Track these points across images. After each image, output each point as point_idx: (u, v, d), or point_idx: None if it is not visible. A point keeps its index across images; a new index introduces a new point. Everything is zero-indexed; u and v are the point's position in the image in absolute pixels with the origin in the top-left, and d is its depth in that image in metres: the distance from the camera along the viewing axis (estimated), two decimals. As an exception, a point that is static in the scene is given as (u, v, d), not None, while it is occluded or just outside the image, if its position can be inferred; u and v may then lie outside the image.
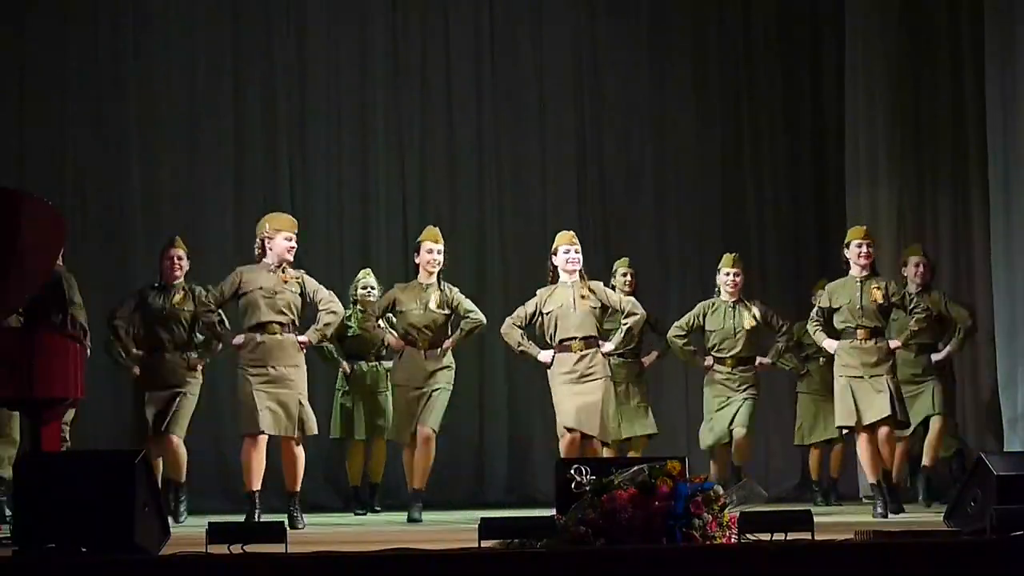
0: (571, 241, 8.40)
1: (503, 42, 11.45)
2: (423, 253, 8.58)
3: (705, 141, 11.52)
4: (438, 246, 8.57)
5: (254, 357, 7.83)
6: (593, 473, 5.32)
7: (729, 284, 9.16)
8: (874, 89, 10.86)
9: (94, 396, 8.54)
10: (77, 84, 10.79)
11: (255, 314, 7.87)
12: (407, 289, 8.63)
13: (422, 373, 8.50)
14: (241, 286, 7.95)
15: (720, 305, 9.18)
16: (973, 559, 4.92)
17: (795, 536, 5.10)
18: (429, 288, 8.55)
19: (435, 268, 8.56)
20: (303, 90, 11.18)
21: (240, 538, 5.00)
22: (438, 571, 4.83)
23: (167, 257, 8.54)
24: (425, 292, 8.54)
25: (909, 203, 10.83)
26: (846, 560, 4.94)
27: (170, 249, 8.59)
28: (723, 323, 9.13)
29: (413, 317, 8.52)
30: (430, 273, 8.57)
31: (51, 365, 6.15)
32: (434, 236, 8.61)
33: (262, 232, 8.05)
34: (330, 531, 7.85)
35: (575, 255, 8.35)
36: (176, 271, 8.53)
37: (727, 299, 9.18)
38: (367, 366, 9.50)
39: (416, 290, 8.58)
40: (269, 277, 7.92)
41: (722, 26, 11.66)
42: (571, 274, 8.34)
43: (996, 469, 5.55)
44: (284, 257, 7.98)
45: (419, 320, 8.52)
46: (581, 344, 8.24)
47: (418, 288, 8.57)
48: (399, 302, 8.59)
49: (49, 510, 5.05)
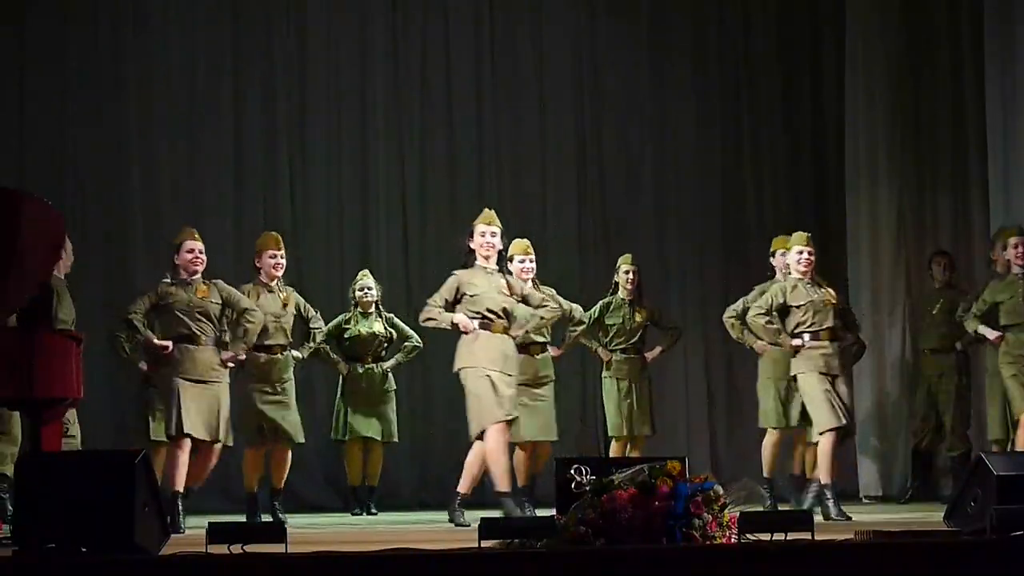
0: (526, 251, 8.57)
1: (503, 42, 11.45)
2: (476, 237, 8.04)
3: (705, 141, 11.52)
4: (491, 228, 8.04)
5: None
6: (593, 473, 5.32)
7: (803, 263, 8.45)
8: (874, 89, 10.86)
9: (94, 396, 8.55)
10: (77, 84, 10.79)
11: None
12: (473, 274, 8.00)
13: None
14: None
15: (797, 283, 8.46)
16: (973, 559, 4.92)
17: (795, 536, 5.10)
18: (495, 273, 8.01)
19: (490, 252, 8.00)
20: (303, 90, 11.19)
21: (240, 538, 5.00)
22: (438, 571, 4.83)
23: (187, 250, 8.13)
24: (491, 276, 7.97)
25: (909, 203, 10.83)
26: (846, 560, 4.94)
27: (189, 242, 8.18)
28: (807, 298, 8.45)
29: (488, 300, 7.90)
30: (486, 258, 8.00)
31: (51, 365, 6.14)
32: (487, 218, 8.10)
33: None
34: (330, 531, 7.85)
35: (530, 264, 8.59)
36: (198, 265, 8.14)
37: (801, 277, 8.45)
38: (363, 368, 9.50)
39: (482, 274, 7.97)
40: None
41: (722, 26, 11.66)
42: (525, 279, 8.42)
43: (996, 469, 5.54)
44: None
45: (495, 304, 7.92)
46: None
47: (482, 272, 7.97)
48: (468, 286, 7.94)
49: (49, 510, 5.04)
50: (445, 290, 7.92)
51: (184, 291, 8.02)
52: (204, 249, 8.14)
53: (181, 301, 7.98)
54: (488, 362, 7.75)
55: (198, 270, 8.09)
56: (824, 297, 8.35)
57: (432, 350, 9.89)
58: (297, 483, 10.34)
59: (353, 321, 9.50)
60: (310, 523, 8.32)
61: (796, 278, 8.42)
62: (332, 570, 4.85)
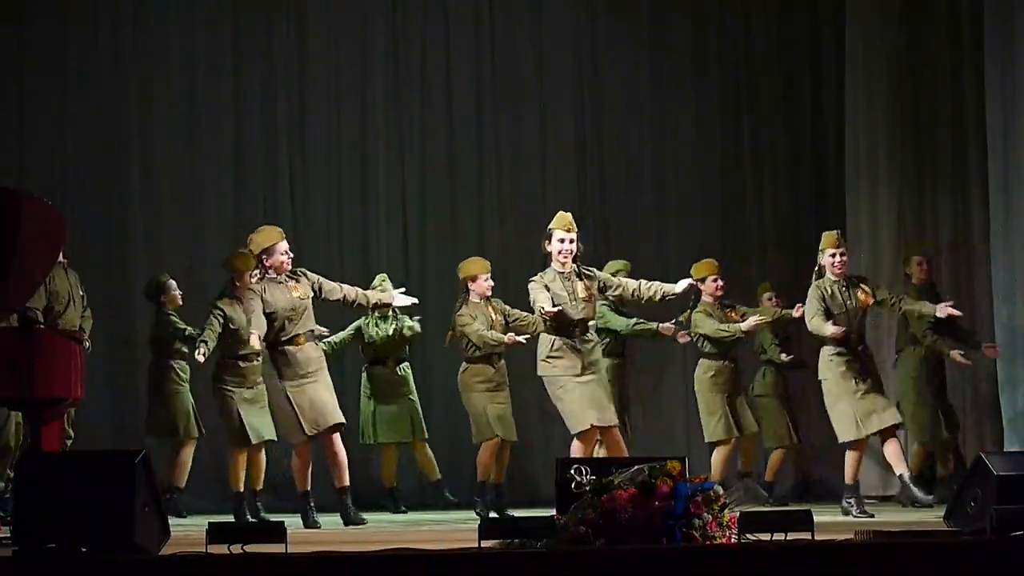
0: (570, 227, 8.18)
1: (503, 42, 11.44)
2: (554, 243, 8.02)
3: (705, 141, 11.51)
4: (570, 235, 8.00)
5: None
6: (593, 473, 5.32)
7: (837, 264, 8.45)
8: (874, 89, 10.86)
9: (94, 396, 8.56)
10: (77, 84, 10.79)
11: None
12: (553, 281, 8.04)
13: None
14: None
15: (833, 288, 8.43)
16: (973, 559, 4.92)
17: (795, 536, 5.10)
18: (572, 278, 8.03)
19: (567, 259, 7.98)
20: (303, 90, 11.18)
21: (240, 538, 5.00)
22: (438, 571, 4.83)
23: (280, 252, 8.06)
24: (569, 282, 8.02)
25: (909, 203, 10.82)
26: (846, 560, 4.94)
27: (280, 243, 8.10)
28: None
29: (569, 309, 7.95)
30: (563, 264, 8.02)
31: (51, 365, 6.15)
32: (565, 224, 8.05)
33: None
34: (330, 531, 7.85)
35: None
36: (288, 264, 8.10)
37: (835, 279, 8.46)
38: (384, 370, 9.53)
39: (559, 281, 8.01)
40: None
41: (722, 26, 11.65)
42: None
43: (996, 469, 5.55)
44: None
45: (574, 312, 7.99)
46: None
47: (560, 278, 8.00)
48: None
49: (49, 510, 5.05)
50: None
51: (281, 292, 8.05)
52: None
53: (281, 301, 8.01)
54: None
55: (288, 267, 8.12)
56: (857, 304, 8.35)
57: (432, 350, 9.91)
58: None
59: (372, 325, 9.51)
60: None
61: (832, 280, 8.40)
62: (332, 570, 4.86)
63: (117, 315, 10.11)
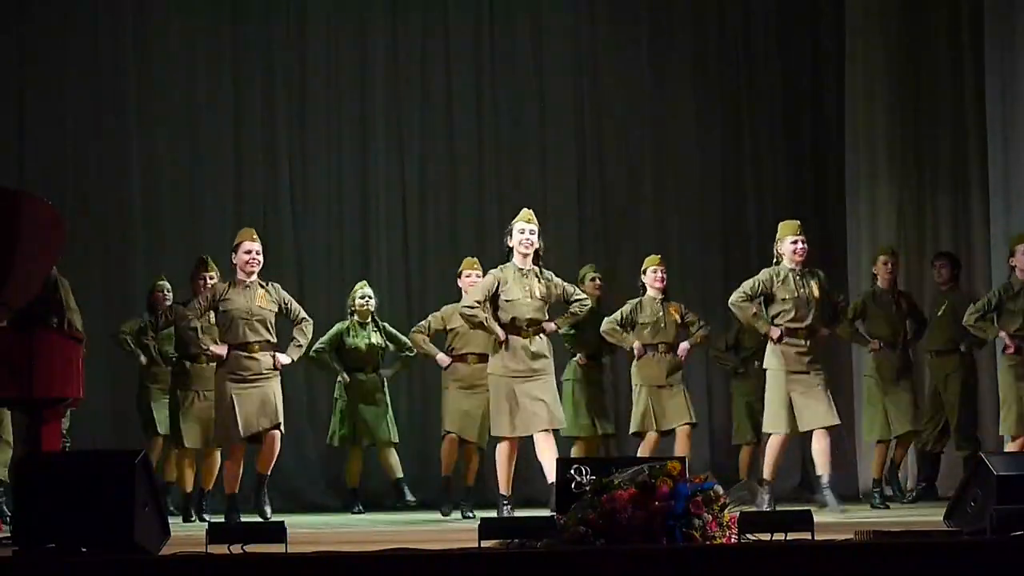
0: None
1: (503, 43, 11.44)
2: (515, 234, 7.99)
3: (705, 141, 11.52)
4: (530, 226, 7.98)
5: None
6: (593, 473, 5.32)
7: (798, 252, 8.38)
8: (874, 88, 10.86)
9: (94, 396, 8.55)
10: (77, 84, 10.79)
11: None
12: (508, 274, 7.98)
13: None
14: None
15: (788, 274, 8.40)
16: (973, 559, 4.92)
17: (795, 536, 5.10)
18: (529, 274, 7.98)
19: (528, 250, 7.95)
20: (303, 90, 11.19)
21: (240, 538, 5.00)
22: (438, 571, 4.83)
23: (245, 251, 8.05)
24: (526, 279, 7.96)
25: (909, 203, 10.83)
26: (846, 560, 4.94)
27: (247, 243, 8.10)
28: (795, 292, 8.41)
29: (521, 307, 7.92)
30: (523, 256, 7.97)
31: (51, 365, 6.15)
32: (526, 216, 8.04)
33: None
34: (330, 531, 7.86)
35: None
36: (255, 267, 8.08)
37: (793, 267, 8.41)
38: (364, 376, 9.51)
39: (517, 277, 7.95)
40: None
41: (722, 26, 11.65)
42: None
43: (996, 469, 5.54)
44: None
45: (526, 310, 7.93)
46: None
47: (518, 275, 7.95)
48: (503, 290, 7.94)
49: (49, 510, 5.04)
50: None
51: (243, 296, 8.05)
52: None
53: (239, 306, 8.03)
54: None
55: (255, 271, 8.11)
56: (810, 293, 8.33)
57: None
58: (298, 484, 10.37)
59: (352, 332, 9.49)
60: (311, 523, 8.32)
61: (788, 268, 8.39)
62: (332, 570, 4.85)
63: (117, 315, 10.10)
